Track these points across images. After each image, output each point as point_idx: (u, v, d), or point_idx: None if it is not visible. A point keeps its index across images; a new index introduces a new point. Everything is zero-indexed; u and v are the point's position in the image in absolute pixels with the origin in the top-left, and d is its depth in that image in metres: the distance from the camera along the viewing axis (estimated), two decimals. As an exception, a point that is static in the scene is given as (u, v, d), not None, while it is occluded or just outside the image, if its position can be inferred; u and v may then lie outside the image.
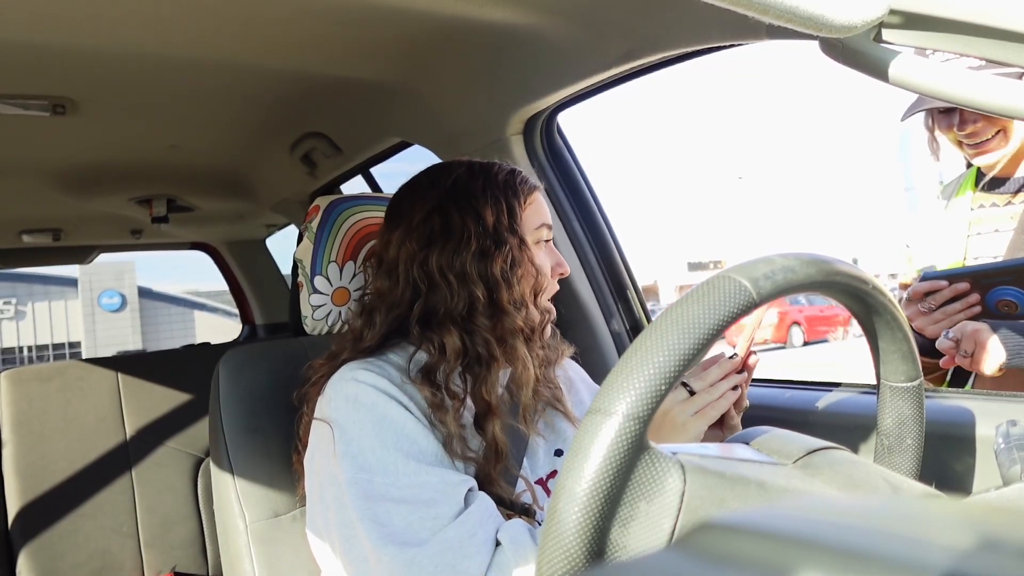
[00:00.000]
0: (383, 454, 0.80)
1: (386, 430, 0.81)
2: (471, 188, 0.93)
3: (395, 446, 0.81)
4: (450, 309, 0.89)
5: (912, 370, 0.68)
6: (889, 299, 0.63)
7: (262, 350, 1.15)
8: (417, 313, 0.91)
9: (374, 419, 0.82)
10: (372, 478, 0.79)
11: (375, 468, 0.80)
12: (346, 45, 1.20)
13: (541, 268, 0.95)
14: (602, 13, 1.02)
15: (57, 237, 2.60)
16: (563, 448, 0.97)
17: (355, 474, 0.80)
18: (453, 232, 0.91)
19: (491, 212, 0.91)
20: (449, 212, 0.92)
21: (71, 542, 1.68)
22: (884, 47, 0.68)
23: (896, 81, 0.67)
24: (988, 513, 0.31)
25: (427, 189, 0.96)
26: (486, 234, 0.90)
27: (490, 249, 0.90)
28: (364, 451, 0.81)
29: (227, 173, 2.05)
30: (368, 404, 0.83)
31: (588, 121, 46.30)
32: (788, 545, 0.27)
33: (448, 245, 0.90)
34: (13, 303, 18.27)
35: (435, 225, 0.92)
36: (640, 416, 0.47)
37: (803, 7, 0.59)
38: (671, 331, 0.49)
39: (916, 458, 0.71)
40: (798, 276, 0.54)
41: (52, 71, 1.19)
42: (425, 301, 0.90)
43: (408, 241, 0.93)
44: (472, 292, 0.89)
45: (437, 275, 0.90)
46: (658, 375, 0.48)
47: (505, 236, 0.91)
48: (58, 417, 1.76)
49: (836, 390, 1.11)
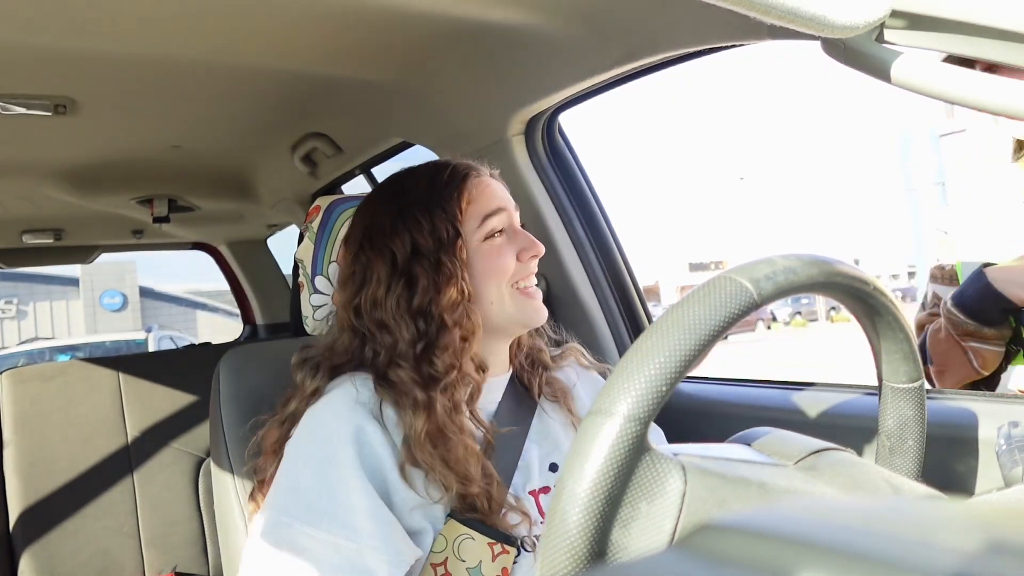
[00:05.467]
0: (314, 498, 0.78)
1: (329, 472, 0.79)
2: (382, 221, 0.91)
3: (329, 493, 0.78)
4: (380, 356, 0.87)
5: (914, 371, 0.68)
6: (890, 299, 0.63)
7: (263, 350, 1.15)
8: (368, 357, 0.89)
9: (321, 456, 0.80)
10: (291, 523, 0.77)
11: (295, 510, 0.78)
12: (348, 46, 1.20)
13: (487, 269, 0.90)
14: (604, 13, 1.02)
15: (58, 237, 2.60)
16: (558, 462, 0.94)
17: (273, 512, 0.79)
18: (369, 276, 0.89)
19: (401, 243, 0.89)
20: (366, 255, 0.91)
21: (73, 542, 1.68)
22: (886, 47, 0.68)
23: (898, 82, 0.67)
24: (990, 514, 0.31)
25: (352, 234, 0.95)
26: (395, 271, 0.88)
27: (402, 284, 0.88)
28: (295, 489, 0.79)
29: (228, 173, 2.05)
30: (321, 437, 0.82)
31: (590, 122, 46.27)
32: (789, 546, 0.27)
33: (368, 289, 0.89)
34: (15, 303, 18.28)
35: (355, 272, 0.91)
36: (641, 417, 0.47)
37: (805, 8, 0.59)
38: (672, 332, 0.49)
39: (918, 459, 0.71)
40: (799, 277, 0.54)
41: (54, 71, 1.19)
42: (370, 345, 0.89)
43: (343, 291, 0.92)
44: (394, 334, 0.87)
45: (367, 320, 0.89)
46: (659, 376, 0.48)
47: (422, 263, 0.88)
48: (60, 417, 1.76)
49: (837, 391, 1.11)
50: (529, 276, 0.94)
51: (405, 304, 0.87)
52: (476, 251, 0.90)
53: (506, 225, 0.93)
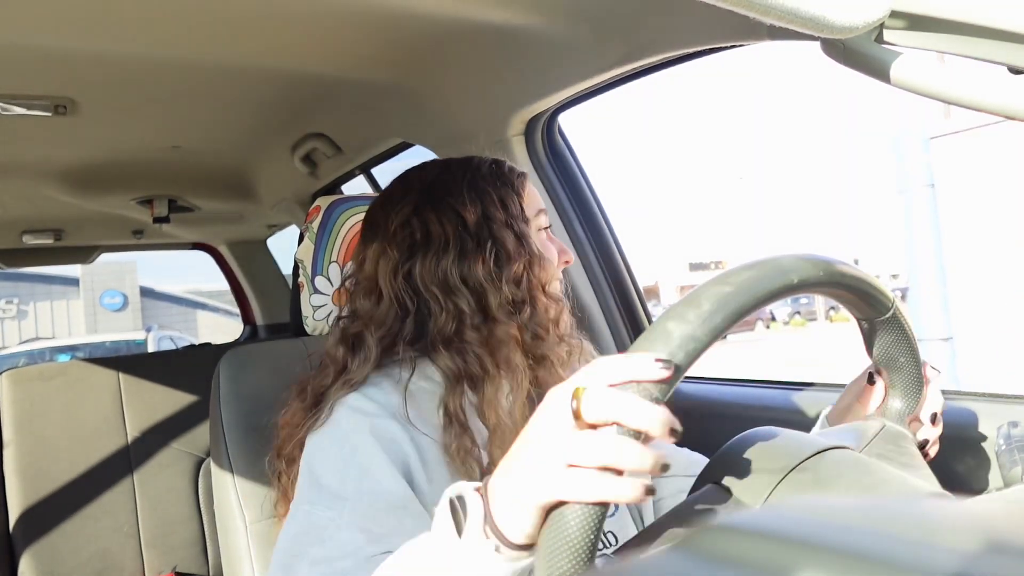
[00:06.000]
0: (339, 487, 0.73)
1: (351, 465, 0.74)
2: (450, 186, 0.87)
3: (356, 482, 0.73)
4: (441, 327, 0.82)
5: (886, 301, 0.64)
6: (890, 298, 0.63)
7: (263, 350, 1.15)
8: (408, 333, 0.83)
9: (347, 447, 0.75)
10: (312, 510, 0.73)
11: (319, 500, 0.73)
12: (347, 46, 1.20)
13: (545, 256, 0.88)
14: (604, 14, 1.02)
15: (59, 237, 2.61)
16: None
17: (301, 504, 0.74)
18: (433, 237, 0.84)
19: (473, 209, 0.84)
20: (426, 215, 0.85)
21: (73, 542, 1.68)
22: (885, 48, 0.68)
23: (897, 82, 0.67)
24: (990, 514, 0.31)
25: (402, 195, 0.89)
26: (467, 235, 0.83)
27: (472, 250, 0.83)
28: (322, 478, 0.75)
29: (228, 173, 2.05)
30: (344, 431, 0.77)
31: (590, 122, 46.33)
32: (789, 546, 0.27)
33: (429, 252, 0.83)
34: (15, 303, 18.26)
35: (414, 231, 0.85)
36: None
37: (804, 8, 0.59)
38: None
39: (914, 374, 0.70)
40: (706, 339, 0.49)
41: (54, 71, 1.19)
42: (415, 318, 0.84)
43: (387, 253, 0.85)
44: (457, 304, 0.82)
45: (422, 288, 0.83)
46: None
47: (496, 232, 0.84)
48: (60, 417, 1.76)
49: (837, 391, 1.10)
50: (559, 280, 0.92)
51: (497, 270, 0.83)
52: (536, 236, 0.90)
53: (547, 227, 0.93)
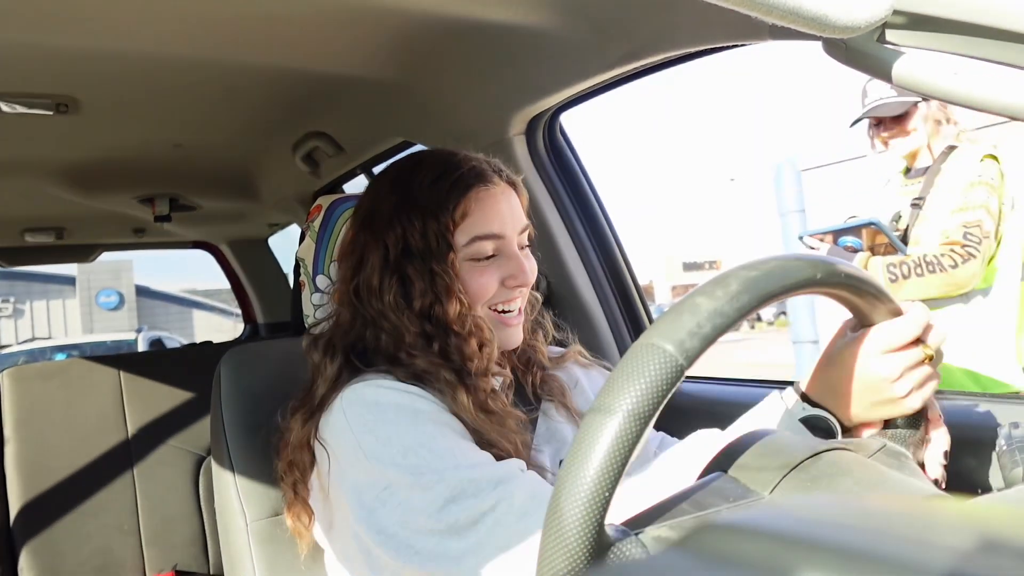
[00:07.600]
0: (432, 445, 0.75)
1: (422, 422, 0.78)
2: (383, 208, 0.89)
3: (440, 434, 0.77)
4: (383, 346, 0.86)
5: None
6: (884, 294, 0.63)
7: (263, 349, 1.15)
8: (371, 343, 0.87)
9: (408, 414, 0.79)
10: (418, 479, 0.73)
11: (423, 467, 0.74)
12: (349, 44, 1.20)
13: (464, 291, 0.86)
14: (605, 13, 1.02)
15: (60, 236, 2.60)
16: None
17: (403, 476, 0.74)
18: (364, 261, 0.88)
19: (395, 237, 0.86)
20: (362, 237, 0.89)
21: (73, 540, 1.68)
22: (887, 48, 0.68)
23: (899, 82, 0.67)
24: (990, 514, 0.31)
25: (357, 210, 0.94)
26: (386, 264, 0.86)
27: (386, 281, 0.86)
28: (408, 449, 0.76)
29: (230, 172, 2.05)
30: (393, 403, 0.80)
31: (585, 123, 46.27)
32: (789, 546, 0.27)
33: (362, 275, 0.87)
34: (11, 301, 18.26)
35: (356, 250, 0.90)
36: (642, 415, 0.47)
37: (806, 8, 0.59)
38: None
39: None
40: (727, 319, 0.50)
41: (55, 70, 1.19)
42: (372, 331, 0.87)
43: (343, 266, 0.91)
44: (396, 326, 0.85)
45: (365, 306, 0.87)
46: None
47: (404, 266, 0.86)
48: (60, 415, 1.76)
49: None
50: (510, 301, 0.91)
51: (404, 302, 0.86)
52: (462, 267, 0.88)
53: (498, 250, 0.89)
